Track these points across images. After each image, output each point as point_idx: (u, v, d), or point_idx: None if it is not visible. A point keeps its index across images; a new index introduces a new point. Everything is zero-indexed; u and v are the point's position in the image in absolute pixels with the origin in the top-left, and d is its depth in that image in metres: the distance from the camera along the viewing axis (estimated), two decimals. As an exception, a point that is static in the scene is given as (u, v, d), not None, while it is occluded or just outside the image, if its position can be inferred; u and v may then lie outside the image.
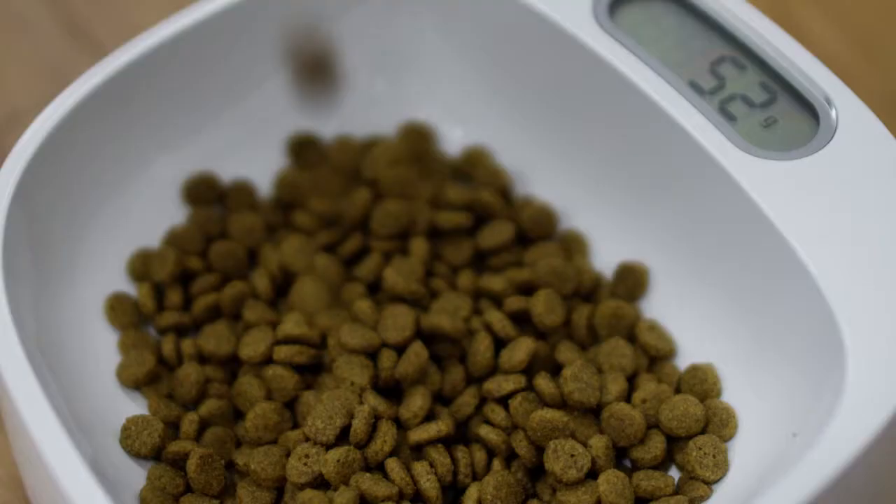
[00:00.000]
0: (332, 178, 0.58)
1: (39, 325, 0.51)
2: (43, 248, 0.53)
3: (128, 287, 0.55)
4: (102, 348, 0.53)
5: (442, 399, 0.52)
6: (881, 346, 0.47)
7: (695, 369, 0.53)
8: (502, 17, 0.56)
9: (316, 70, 0.57)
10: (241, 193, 0.58)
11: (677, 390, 0.52)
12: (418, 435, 0.50)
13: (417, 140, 0.60)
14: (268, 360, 0.53)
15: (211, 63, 0.57)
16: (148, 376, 0.53)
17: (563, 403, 0.51)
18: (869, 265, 0.48)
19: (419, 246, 0.55)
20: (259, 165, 0.59)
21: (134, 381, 0.53)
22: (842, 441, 0.45)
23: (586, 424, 0.51)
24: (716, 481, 0.50)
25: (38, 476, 0.48)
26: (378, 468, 0.50)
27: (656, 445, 0.50)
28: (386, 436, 0.50)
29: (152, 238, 0.56)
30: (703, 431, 0.51)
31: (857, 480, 0.46)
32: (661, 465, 0.51)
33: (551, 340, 0.53)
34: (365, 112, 0.60)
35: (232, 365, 0.54)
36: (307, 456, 0.49)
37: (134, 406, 0.52)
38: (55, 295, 0.53)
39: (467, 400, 0.51)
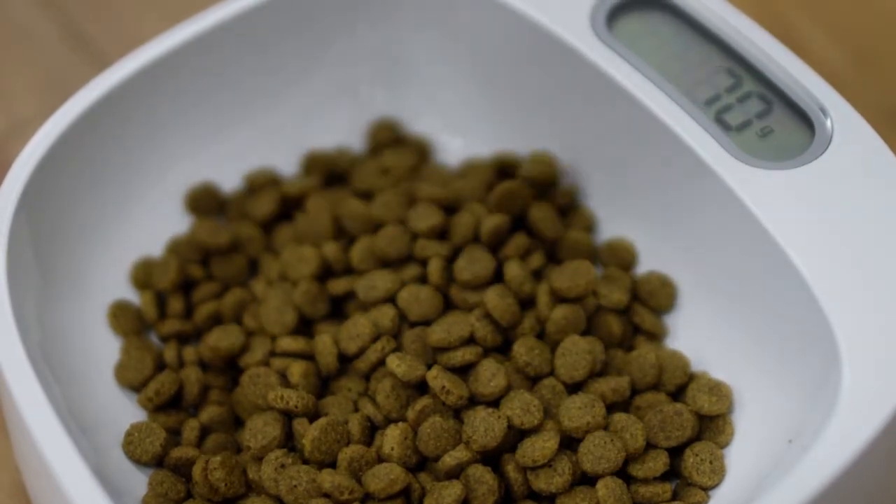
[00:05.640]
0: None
1: (43, 332, 0.51)
2: (47, 256, 0.53)
3: (131, 295, 0.56)
4: (106, 355, 0.54)
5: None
6: (876, 353, 0.47)
7: (691, 377, 0.53)
8: (502, 28, 0.57)
9: None
10: (243, 203, 0.58)
11: (675, 399, 0.53)
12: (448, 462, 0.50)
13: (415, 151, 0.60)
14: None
15: (213, 73, 0.57)
16: (144, 383, 0.53)
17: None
18: (863, 273, 0.49)
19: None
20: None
21: (129, 384, 0.53)
22: (837, 447, 0.45)
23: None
24: (713, 487, 0.50)
25: (41, 482, 0.48)
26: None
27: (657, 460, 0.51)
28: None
29: (155, 247, 0.57)
30: (699, 438, 0.51)
31: (852, 486, 0.46)
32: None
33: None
34: (365, 123, 0.60)
35: (233, 372, 0.54)
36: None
37: (137, 412, 0.53)
38: (59, 302, 0.53)
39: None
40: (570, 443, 0.51)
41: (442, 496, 0.49)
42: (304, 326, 0.54)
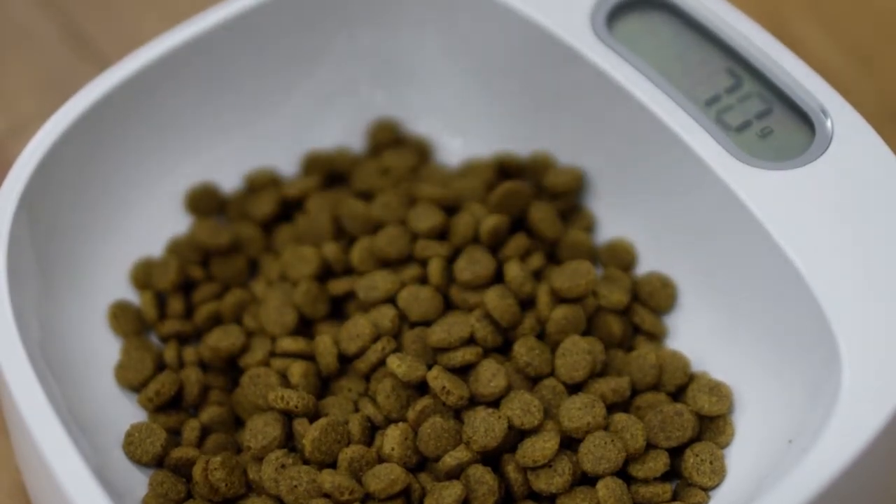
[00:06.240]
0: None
1: (43, 333, 0.51)
2: (47, 256, 0.53)
3: (131, 295, 0.56)
4: (106, 355, 0.54)
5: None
6: (876, 353, 0.47)
7: (691, 378, 0.53)
8: (502, 28, 0.57)
9: None
10: (243, 203, 0.58)
11: (675, 399, 0.53)
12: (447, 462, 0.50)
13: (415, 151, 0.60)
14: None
15: (213, 73, 0.57)
16: (144, 384, 0.53)
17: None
18: (864, 274, 0.49)
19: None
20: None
21: (129, 384, 0.53)
22: (837, 447, 0.46)
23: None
24: (713, 488, 0.50)
25: (41, 482, 0.48)
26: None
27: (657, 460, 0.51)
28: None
29: (155, 247, 0.57)
30: (699, 438, 0.51)
31: (852, 486, 0.46)
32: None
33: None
34: (365, 123, 0.60)
35: (233, 372, 0.54)
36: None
37: (137, 412, 0.53)
38: (59, 303, 0.53)
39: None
40: (570, 443, 0.51)
41: (442, 496, 0.49)
42: (304, 327, 0.54)
